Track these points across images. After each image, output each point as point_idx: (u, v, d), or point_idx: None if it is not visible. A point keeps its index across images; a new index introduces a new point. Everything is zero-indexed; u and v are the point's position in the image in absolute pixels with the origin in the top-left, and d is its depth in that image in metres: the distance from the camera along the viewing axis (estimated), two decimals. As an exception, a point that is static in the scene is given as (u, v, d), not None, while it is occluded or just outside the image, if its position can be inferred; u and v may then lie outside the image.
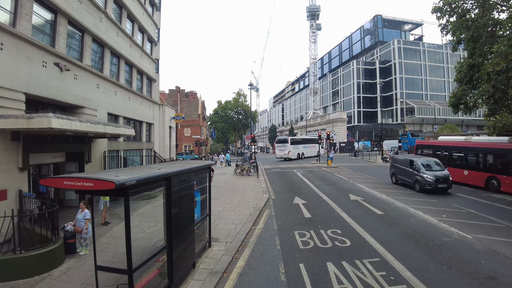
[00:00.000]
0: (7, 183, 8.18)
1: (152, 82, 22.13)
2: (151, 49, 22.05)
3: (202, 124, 56.95)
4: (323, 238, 8.39)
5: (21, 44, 8.62)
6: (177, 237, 5.60)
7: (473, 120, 60.64)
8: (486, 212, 10.77)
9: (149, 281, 5.11)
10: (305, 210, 11.73)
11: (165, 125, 24.41)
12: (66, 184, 4.22)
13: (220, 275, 6.24)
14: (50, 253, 6.63)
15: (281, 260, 7.03)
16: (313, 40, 71.31)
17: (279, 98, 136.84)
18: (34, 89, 9.13)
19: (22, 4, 8.75)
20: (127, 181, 4.03)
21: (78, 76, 11.65)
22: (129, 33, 17.40)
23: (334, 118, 60.58)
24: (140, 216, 9.30)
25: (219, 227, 9.59)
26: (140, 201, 8.71)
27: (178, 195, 5.72)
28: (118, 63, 16.20)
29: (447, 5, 15.35)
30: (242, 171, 23.72)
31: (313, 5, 70.39)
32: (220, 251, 7.58)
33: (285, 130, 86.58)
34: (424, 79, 64.41)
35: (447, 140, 19.64)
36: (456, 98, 17.10)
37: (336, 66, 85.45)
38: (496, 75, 12.76)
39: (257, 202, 13.24)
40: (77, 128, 8.55)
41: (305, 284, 5.82)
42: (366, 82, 68.05)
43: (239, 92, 64.30)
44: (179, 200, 5.78)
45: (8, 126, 7.62)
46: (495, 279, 5.88)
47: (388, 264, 6.62)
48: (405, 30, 77.31)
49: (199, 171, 7.24)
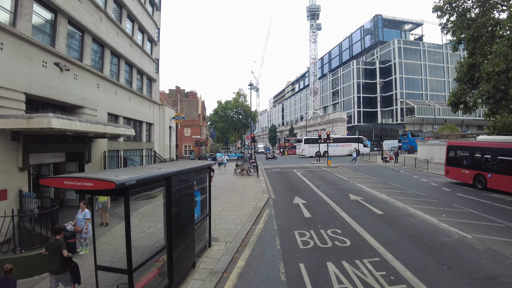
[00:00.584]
0: (7, 183, 8.18)
1: (152, 82, 22.13)
2: (151, 49, 22.05)
3: (202, 124, 56.94)
4: (323, 238, 8.39)
5: (21, 44, 8.62)
6: (177, 237, 5.60)
7: (473, 120, 60.67)
8: (486, 212, 10.77)
9: (149, 280, 5.11)
10: (305, 210, 11.73)
11: (165, 125, 24.43)
12: (66, 184, 4.22)
13: (220, 275, 6.24)
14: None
15: (281, 259, 7.03)
16: (313, 40, 71.31)
17: (279, 98, 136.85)
18: (34, 89, 9.13)
19: (22, 4, 8.75)
20: (127, 181, 4.03)
21: (78, 76, 11.65)
22: (129, 33, 17.40)
23: (334, 118, 60.56)
24: (140, 216, 9.29)
25: (219, 227, 9.59)
26: (140, 201, 8.72)
27: (178, 195, 5.72)
28: (118, 63, 16.20)
29: (447, 4, 15.38)
30: (242, 171, 23.72)
31: (313, 5, 70.38)
32: (220, 250, 7.58)
33: (285, 130, 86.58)
34: (424, 79, 64.41)
35: (491, 140, 16.06)
36: (456, 98, 17.10)
37: (336, 66, 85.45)
38: (496, 76, 12.76)
39: (257, 202, 13.24)
40: (77, 128, 8.55)
41: (305, 284, 5.82)
42: (366, 82, 68.06)
43: (239, 92, 64.34)
44: (179, 200, 5.78)
45: (8, 126, 7.63)
46: (495, 279, 5.87)
47: (388, 264, 6.62)
48: (405, 30, 77.30)
49: (199, 171, 7.24)
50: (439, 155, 29.68)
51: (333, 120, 60.24)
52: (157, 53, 23.77)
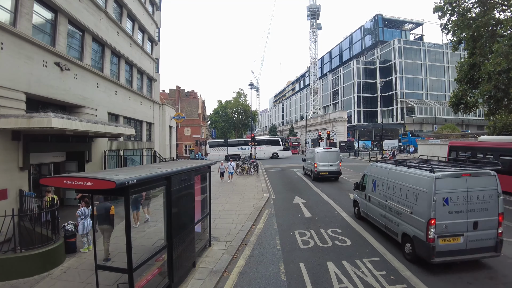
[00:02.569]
0: (7, 182, 8.19)
1: (153, 81, 22.12)
2: (151, 48, 22.04)
3: (203, 124, 56.91)
4: (323, 238, 8.39)
5: (22, 44, 8.62)
6: (177, 236, 5.60)
7: (473, 119, 60.64)
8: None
9: (149, 280, 5.12)
10: (305, 209, 11.73)
11: (166, 124, 24.44)
12: (66, 184, 4.22)
13: (220, 274, 6.24)
14: (50, 252, 6.63)
15: (281, 259, 7.03)
16: (313, 40, 71.22)
17: (279, 98, 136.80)
18: (34, 88, 9.13)
19: (22, 4, 8.74)
20: (127, 181, 4.03)
21: (78, 76, 11.65)
22: (129, 33, 17.39)
23: (334, 117, 60.52)
24: (140, 215, 9.29)
25: (220, 226, 9.60)
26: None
27: (178, 195, 5.72)
28: (118, 63, 16.20)
29: (448, 4, 15.38)
30: (242, 171, 23.73)
31: (313, 5, 70.26)
32: (220, 250, 7.59)
33: (285, 130, 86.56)
34: (425, 79, 64.35)
35: (493, 140, 16.02)
36: (457, 98, 17.10)
37: (336, 66, 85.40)
38: (497, 75, 12.76)
39: (257, 201, 13.24)
40: (78, 127, 8.55)
41: (305, 284, 5.82)
42: (366, 82, 67.99)
43: (239, 92, 64.43)
44: (179, 199, 5.78)
45: (8, 126, 7.63)
46: (495, 279, 5.88)
47: (388, 263, 6.62)
48: (406, 29, 77.22)
49: (199, 171, 7.24)
50: (439, 155, 29.71)
51: (333, 119, 60.20)
52: (157, 53, 23.76)
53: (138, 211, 8.99)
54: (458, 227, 6.06)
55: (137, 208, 8.95)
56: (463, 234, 6.08)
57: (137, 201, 8.91)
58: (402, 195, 7.14)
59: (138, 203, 9.04)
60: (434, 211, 5.96)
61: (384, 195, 8.12)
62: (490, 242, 6.14)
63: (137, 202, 8.88)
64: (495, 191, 6.20)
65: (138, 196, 8.64)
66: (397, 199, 7.39)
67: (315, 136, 59.68)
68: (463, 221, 6.06)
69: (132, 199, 8.08)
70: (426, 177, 6.31)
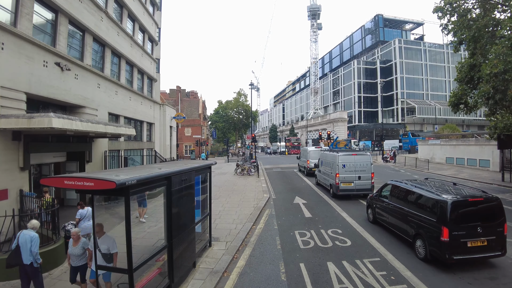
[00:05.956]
0: (8, 182, 8.19)
1: (153, 81, 22.13)
2: (152, 48, 22.05)
3: (203, 124, 56.93)
4: (324, 238, 8.39)
5: (22, 44, 8.62)
6: (177, 237, 5.60)
7: (474, 120, 60.58)
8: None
9: (149, 280, 5.12)
10: (305, 209, 11.73)
11: (166, 124, 24.44)
12: (66, 184, 4.22)
13: (220, 275, 6.24)
14: (50, 252, 6.65)
15: (281, 259, 7.03)
16: (314, 40, 71.30)
17: (280, 98, 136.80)
18: (35, 88, 9.13)
19: (23, 4, 8.74)
20: (128, 181, 4.03)
21: (79, 76, 11.66)
22: (130, 33, 17.40)
23: (335, 117, 60.53)
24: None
25: (220, 226, 9.60)
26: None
27: (178, 195, 5.73)
28: (119, 63, 16.20)
29: (448, 4, 15.33)
30: (242, 171, 23.73)
31: (314, 5, 70.35)
32: (220, 250, 7.59)
33: (285, 130, 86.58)
34: (425, 79, 64.35)
35: None
36: (456, 98, 17.05)
37: (337, 66, 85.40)
38: (494, 77, 12.74)
39: (257, 201, 13.24)
40: (78, 127, 8.55)
41: (305, 284, 5.82)
42: (367, 82, 67.99)
43: (239, 92, 64.32)
44: (179, 199, 5.78)
45: (9, 126, 7.62)
46: (495, 279, 5.87)
47: (388, 264, 6.62)
48: (406, 29, 77.22)
49: (200, 171, 7.25)
50: (439, 155, 29.68)
51: (334, 120, 60.21)
52: (157, 53, 23.76)
53: (145, 208, 9.13)
54: (350, 178, 13.17)
55: (143, 205, 9.08)
56: (353, 182, 13.19)
57: (142, 198, 9.02)
58: (329, 165, 14.56)
59: (144, 200, 9.11)
60: (338, 171, 13.16)
61: (324, 167, 15.66)
62: (367, 186, 13.18)
63: (141, 199, 8.98)
64: (370, 162, 13.46)
65: (141, 194, 8.68)
66: (328, 168, 14.73)
67: (316, 136, 59.68)
68: (353, 175, 13.18)
69: (137, 198, 8.18)
70: (335, 155, 13.61)
